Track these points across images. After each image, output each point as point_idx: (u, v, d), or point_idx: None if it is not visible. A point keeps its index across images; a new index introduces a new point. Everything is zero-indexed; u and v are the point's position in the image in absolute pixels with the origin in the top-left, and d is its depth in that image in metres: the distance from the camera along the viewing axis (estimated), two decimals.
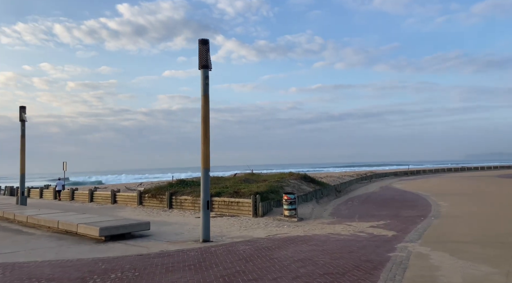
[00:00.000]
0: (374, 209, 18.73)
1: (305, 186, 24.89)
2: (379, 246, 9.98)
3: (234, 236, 12.73)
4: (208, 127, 12.27)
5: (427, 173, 61.91)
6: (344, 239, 11.23)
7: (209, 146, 12.25)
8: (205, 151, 12.15)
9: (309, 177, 26.92)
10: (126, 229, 13.02)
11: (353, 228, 13.33)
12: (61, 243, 12.26)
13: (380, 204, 20.68)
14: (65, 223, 14.14)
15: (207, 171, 12.20)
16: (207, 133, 12.22)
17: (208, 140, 12.24)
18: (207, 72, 12.27)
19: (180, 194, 22.34)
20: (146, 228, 13.59)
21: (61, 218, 15.18)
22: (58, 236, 13.64)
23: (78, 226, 13.37)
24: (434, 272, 7.28)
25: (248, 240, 11.84)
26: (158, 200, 23.24)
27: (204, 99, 12.22)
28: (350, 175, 43.76)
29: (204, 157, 12.15)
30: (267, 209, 18.24)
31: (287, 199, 16.72)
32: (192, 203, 21.21)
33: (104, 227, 12.49)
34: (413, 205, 19.84)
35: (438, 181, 40.86)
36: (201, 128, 12.22)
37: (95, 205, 26.63)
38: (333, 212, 18.36)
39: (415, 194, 26.13)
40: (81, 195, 30.18)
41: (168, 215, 19.85)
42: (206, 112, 12.22)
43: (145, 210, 22.18)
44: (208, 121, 12.26)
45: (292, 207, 16.68)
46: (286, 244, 10.76)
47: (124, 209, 23.15)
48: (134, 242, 12.10)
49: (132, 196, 25.27)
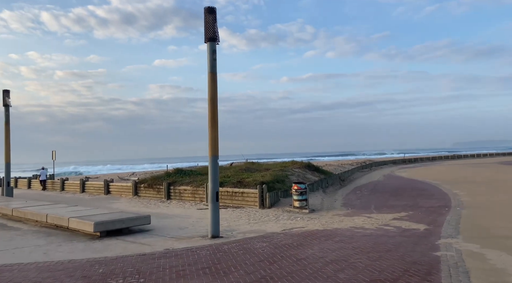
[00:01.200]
0: (388, 199, 17.52)
1: (310, 175, 23.64)
2: (417, 243, 8.72)
3: (245, 231, 11.41)
4: (216, 108, 10.85)
5: (424, 161, 61.07)
6: (372, 234, 9.96)
7: (217, 130, 10.84)
8: (213, 135, 10.75)
9: (313, 165, 25.67)
10: (124, 223, 11.63)
11: (375, 221, 12.08)
12: (51, 240, 10.84)
13: (392, 194, 19.49)
14: (54, 216, 12.70)
15: (215, 158, 10.82)
16: (215, 116, 10.80)
17: (217, 123, 10.83)
18: (215, 45, 10.81)
19: (179, 184, 20.94)
20: (146, 222, 12.21)
21: (50, 210, 13.74)
22: (47, 232, 12.21)
23: (70, 220, 11.95)
24: (506, 278, 6.02)
25: (263, 235, 10.53)
26: (155, 191, 21.82)
27: (212, 77, 10.77)
28: (350, 163, 42.63)
29: (212, 142, 10.75)
30: (274, 199, 16.94)
31: (297, 189, 15.42)
32: (192, 193, 19.84)
33: (99, 222, 11.08)
34: (429, 194, 18.67)
35: (440, 169, 39.88)
36: (209, 110, 10.80)
37: (87, 196, 25.16)
38: (345, 202, 17.12)
39: (424, 182, 25.03)
40: (72, 185, 28.63)
41: (167, 206, 18.47)
42: (214, 91, 10.78)
43: (141, 201, 20.78)
44: (216, 101, 10.84)
45: (303, 198, 15.39)
46: (308, 240, 9.46)
47: (119, 200, 21.72)
48: (134, 239, 10.72)
49: (127, 186, 23.81)
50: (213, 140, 10.75)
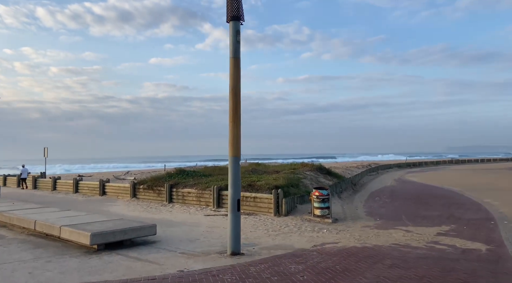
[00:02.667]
0: (415, 208, 15.88)
1: (323, 178, 21.98)
2: (495, 272, 7.06)
3: (268, 246, 9.70)
4: (239, 100, 9.13)
5: (428, 165, 59.71)
6: (427, 256, 8.28)
7: (240, 125, 9.13)
8: (234, 131, 9.03)
9: (324, 168, 24.01)
10: (126, 234, 9.88)
11: (418, 236, 10.42)
12: (38, 254, 9.08)
13: (415, 201, 17.84)
14: (44, 224, 10.92)
15: (237, 160, 9.10)
16: (237, 109, 9.08)
17: (239, 118, 9.11)
18: (238, 25, 9.10)
19: (182, 186, 19.19)
20: (151, 232, 10.46)
21: (39, 216, 11.96)
22: (34, 242, 10.44)
23: (62, 229, 10.17)
24: None
25: (292, 253, 8.83)
26: (155, 193, 20.05)
27: (234, 63, 9.06)
28: (356, 166, 41.03)
29: (234, 140, 9.03)
30: (291, 206, 15.25)
31: (319, 195, 13.73)
32: (197, 197, 18.10)
33: (97, 232, 9.33)
34: (458, 203, 17.06)
35: (451, 174, 38.36)
36: (230, 102, 9.08)
37: (80, 197, 23.33)
38: (368, 211, 15.45)
39: (444, 188, 23.45)
40: (64, 184, 26.78)
41: (170, 211, 16.72)
42: (236, 80, 9.07)
43: (140, 204, 19.00)
44: (239, 91, 9.12)
45: (325, 205, 13.71)
46: (351, 263, 7.77)
47: (116, 203, 19.93)
48: (138, 254, 8.98)
49: (125, 187, 22.01)
50: (234, 138, 9.03)
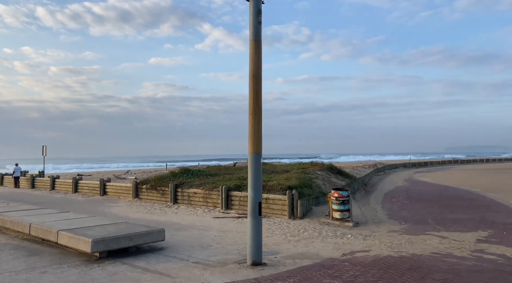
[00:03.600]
0: (439, 210, 14.82)
1: (334, 179, 20.93)
2: None
3: (291, 254, 8.64)
4: (260, 88, 8.07)
5: (434, 164, 58.69)
6: (480, 268, 7.23)
7: (261, 118, 8.06)
8: (255, 125, 7.97)
9: (335, 168, 22.96)
10: (132, 240, 8.82)
11: (458, 244, 9.36)
12: (33, 263, 8.03)
13: (437, 203, 16.78)
14: (39, 227, 9.85)
15: (258, 158, 8.03)
16: (258, 98, 8.02)
17: (260, 109, 8.05)
18: (260, 4, 8.04)
19: (188, 186, 18.12)
20: (159, 238, 9.39)
21: (34, 218, 10.89)
22: (29, 248, 9.39)
23: (59, 234, 9.11)
24: None
25: (321, 263, 7.78)
26: (159, 193, 18.98)
27: (255, 46, 7.99)
28: (362, 166, 39.99)
29: (254, 134, 7.97)
30: (306, 208, 14.19)
31: (339, 197, 12.67)
32: (204, 198, 17.03)
33: (99, 239, 8.26)
34: (483, 205, 16.02)
35: (462, 174, 37.23)
36: (250, 91, 8.01)
37: (80, 197, 22.27)
38: (389, 214, 14.39)
39: (461, 189, 22.42)
40: (63, 184, 25.69)
41: (176, 213, 15.65)
42: (257, 65, 8.01)
43: (143, 205, 17.94)
44: (260, 79, 8.05)
45: (345, 208, 12.66)
46: (394, 276, 6.72)
47: (117, 203, 18.87)
48: (146, 263, 7.92)
49: (127, 187, 20.94)
50: (255, 133, 7.97)
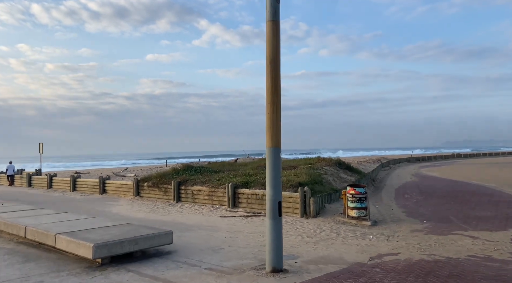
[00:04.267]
0: (458, 207, 14.06)
1: (343, 174, 20.17)
2: None
3: (312, 258, 7.86)
4: (279, 75, 7.25)
5: (437, 159, 58.01)
6: None
7: (280, 108, 7.26)
8: (274, 115, 7.16)
9: (344, 163, 22.18)
10: (137, 244, 8.03)
11: (492, 245, 8.61)
12: (28, 270, 7.24)
13: (453, 199, 16.02)
14: (36, 230, 9.05)
15: (277, 152, 7.22)
16: (277, 86, 7.21)
17: (279, 98, 7.25)
18: None
19: (191, 184, 17.33)
20: (167, 241, 8.60)
21: (30, 220, 10.10)
22: (24, 253, 8.59)
23: (57, 238, 8.31)
24: None
25: (348, 268, 7.00)
26: (161, 191, 18.19)
27: (273, 27, 7.17)
28: (366, 161, 39.22)
29: (274, 126, 7.17)
30: (319, 206, 13.42)
31: (355, 194, 11.91)
32: (209, 195, 16.25)
33: (102, 243, 7.46)
34: (503, 200, 15.29)
35: (470, 168, 36.42)
36: (267, 78, 7.20)
37: (78, 195, 21.47)
38: (407, 211, 13.63)
39: (473, 184, 21.66)
40: (61, 182, 24.87)
41: (180, 212, 14.87)
42: (275, 49, 7.19)
43: (145, 204, 17.15)
44: (279, 64, 7.24)
45: (362, 206, 11.90)
46: None
47: (118, 202, 18.07)
48: (154, 270, 7.13)
49: (127, 185, 20.13)
50: (274, 124, 7.16)
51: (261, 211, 14.06)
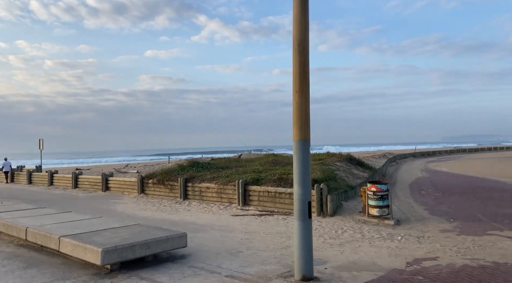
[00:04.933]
0: (482, 204, 13.36)
1: (355, 170, 19.48)
2: None
3: (343, 263, 7.15)
4: (308, 60, 6.50)
5: (442, 154, 57.31)
6: None
7: (309, 97, 6.51)
8: (302, 105, 6.41)
9: (355, 158, 21.49)
10: (149, 248, 7.31)
11: None
12: (30, 278, 6.53)
13: (474, 196, 15.32)
14: (38, 232, 8.33)
15: (306, 146, 6.48)
16: (306, 72, 6.45)
17: (308, 85, 6.49)
18: None
19: (199, 181, 16.60)
20: (181, 244, 7.88)
21: (32, 221, 9.37)
22: (25, 258, 7.88)
23: (61, 241, 7.59)
24: None
25: (386, 276, 6.29)
26: (167, 188, 17.46)
27: (301, 3, 6.38)
28: (371, 156, 38.56)
29: (302, 117, 6.42)
30: (336, 204, 12.71)
31: (377, 191, 11.18)
32: (217, 193, 15.53)
33: (111, 248, 6.74)
34: None
35: (479, 163, 35.65)
36: (294, 63, 6.44)
37: (80, 193, 20.75)
38: (429, 209, 12.92)
39: (492, 179, 20.98)
40: (62, 179, 24.15)
41: (189, 210, 14.15)
42: (304, 29, 6.42)
43: (151, 202, 16.44)
44: (307, 47, 6.48)
45: (385, 204, 11.17)
46: None
47: (122, 199, 17.36)
48: (170, 278, 6.42)
49: (131, 182, 19.41)
50: (302, 115, 6.42)
51: (275, 209, 13.35)
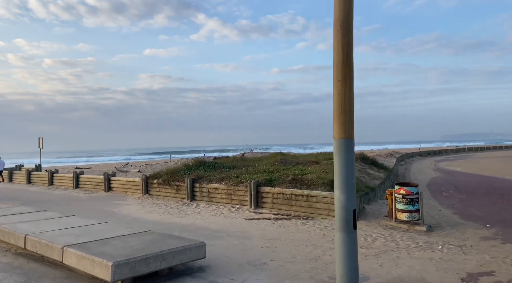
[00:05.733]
0: None
1: (370, 170, 18.60)
2: None
3: (386, 280, 6.28)
4: (352, 42, 5.59)
5: (448, 153, 56.52)
6: None
7: (353, 87, 5.62)
8: (346, 97, 5.50)
9: (368, 158, 20.60)
10: (165, 260, 6.42)
11: None
12: None
13: (500, 197, 14.51)
14: (38, 241, 7.43)
15: (350, 145, 5.57)
16: (350, 58, 5.53)
17: (352, 73, 5.59)
18: None
19: (207, 181, 15.72)
20: (199, 255, 6.99)
21: (31, 227, 8.49)
22: (24, 270, 7.01)
23: (66, 252, 6.69)
24: None
25: None
26: (173, 189, 16.58)
27: None
28: (378, 155, 37.67)
29: (346, 111, 5.52)
30: (359, 208, 11.84)
31: (407, 194, 10.31)
32: (227, 194, 14.64)
33: (122, 261, 5.85)
34: None
35: (492, 162, 34.92)
36: (337, 48, 5.52)
37: (82, 193, 19.86)
38: (458, 212, 12.07)
39: (509, 180, 20.08)
40: (62, 178, 23.25)
41: (198, 213, 13.27)
42: (347, 8, 5.47)
43: (156, 203, 15.56)
44: (351, 29, 5.56)
45: (415, 208, 10.29)
46: None
47: (126, 201, 16.47)
48: None
49: (135, 182, 18.53)
50: (346, 108, 5.51)
51: (291, 213, 12.47)
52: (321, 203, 11.98)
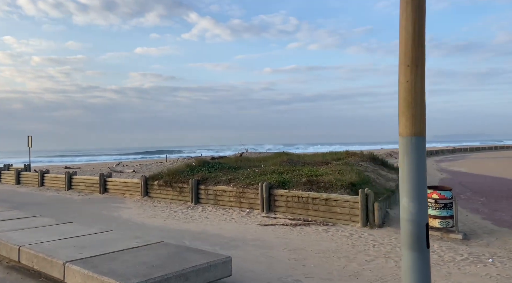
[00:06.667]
0: None
1: (381, 171, 17.75)
2: None
3: None
4: (424, 19, 4.60)
5: (445, 153, 56.18)
6: None
7: (425, 75, 4.64)
8: (416, 86, 4.51)
9: (378, 158, 19.76)
10: (188, 280, 5.41)
11: None
12: None
13: None
14: (35, 254, 6.38)
15: (421, 143, 4.58)
16: (421, 39, 4.54)
17: (424, 57, 4.61)
18: None
19: (213, 183, 14.70)
20: (225, 272, 5.99)
21: (25, 236, 7.42)
22: None
23: (68, 270, 5.66)
24: None
25: None
26: (175, 191, 15.54)
27: None
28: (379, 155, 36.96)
29: (417, 103, 4.52)
30: (383, 212, 10.93)
31: (440, 199, 9.42)
32: (236, 197, 13.65)
33: None
34: None
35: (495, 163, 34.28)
36: (405, 26, 4.49)
37: (75, 195, 18.71)
38: (487, 218, 11.28)
39: None
40: (54, 179, 22.03)
41: (206, 217, 12.26)
42: None
43: (158, 206, 14.50)
44: (423, 5, 4.61)
45: (449, 214, 9.42)
46: None
47: (125, 203, 15.39)
48: None
49: (133, 183, 17.43)
50: (417, 99, 4.52)
51: (308, 218, 11.51)
52: (341, 207, 11.05)
